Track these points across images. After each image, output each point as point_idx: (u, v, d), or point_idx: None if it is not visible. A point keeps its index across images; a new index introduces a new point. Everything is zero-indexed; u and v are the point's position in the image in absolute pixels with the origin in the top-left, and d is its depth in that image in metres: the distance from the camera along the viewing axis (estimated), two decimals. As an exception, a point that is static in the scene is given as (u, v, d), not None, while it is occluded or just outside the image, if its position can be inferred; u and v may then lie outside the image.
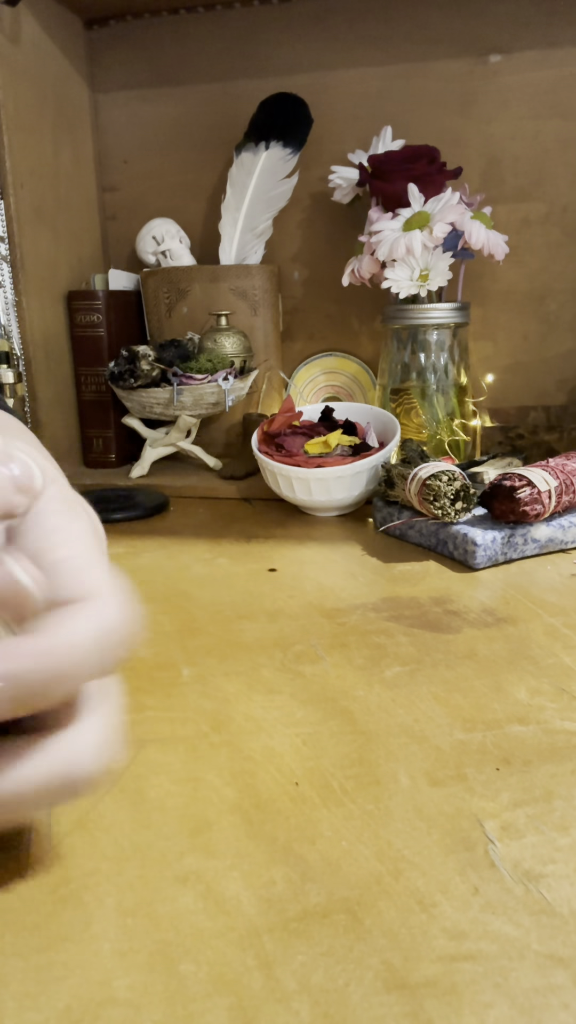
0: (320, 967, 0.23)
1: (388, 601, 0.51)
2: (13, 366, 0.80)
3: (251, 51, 0.90)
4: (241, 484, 0.81)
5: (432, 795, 0.31)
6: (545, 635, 0.45)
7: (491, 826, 0.29)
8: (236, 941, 0.24)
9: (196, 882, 0.26)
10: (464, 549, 0.56)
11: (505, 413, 0.84)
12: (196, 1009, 0.22)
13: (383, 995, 0.22)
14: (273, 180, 0.88)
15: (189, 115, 0.93)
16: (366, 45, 0.87)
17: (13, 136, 0.77)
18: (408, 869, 0.27)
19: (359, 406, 0.79)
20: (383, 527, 0.65)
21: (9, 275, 0.79)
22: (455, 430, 0.80)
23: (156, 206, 0.96)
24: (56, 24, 0.86)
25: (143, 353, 0.82)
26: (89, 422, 0.91)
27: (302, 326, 0.96)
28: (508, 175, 0.87)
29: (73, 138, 0.90)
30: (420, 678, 0.40)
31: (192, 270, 0.91)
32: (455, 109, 0.87)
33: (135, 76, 0.93)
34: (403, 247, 0.75)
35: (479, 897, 0.25)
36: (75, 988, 0.22)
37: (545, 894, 0.26)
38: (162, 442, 0.87)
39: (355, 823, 0.29)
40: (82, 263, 0.93)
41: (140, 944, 0.24)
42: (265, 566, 0.58)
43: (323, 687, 0.40)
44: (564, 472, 0.58)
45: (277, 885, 0.26)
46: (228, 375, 0.83)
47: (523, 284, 0.90)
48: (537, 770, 0.32)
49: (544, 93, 0.85)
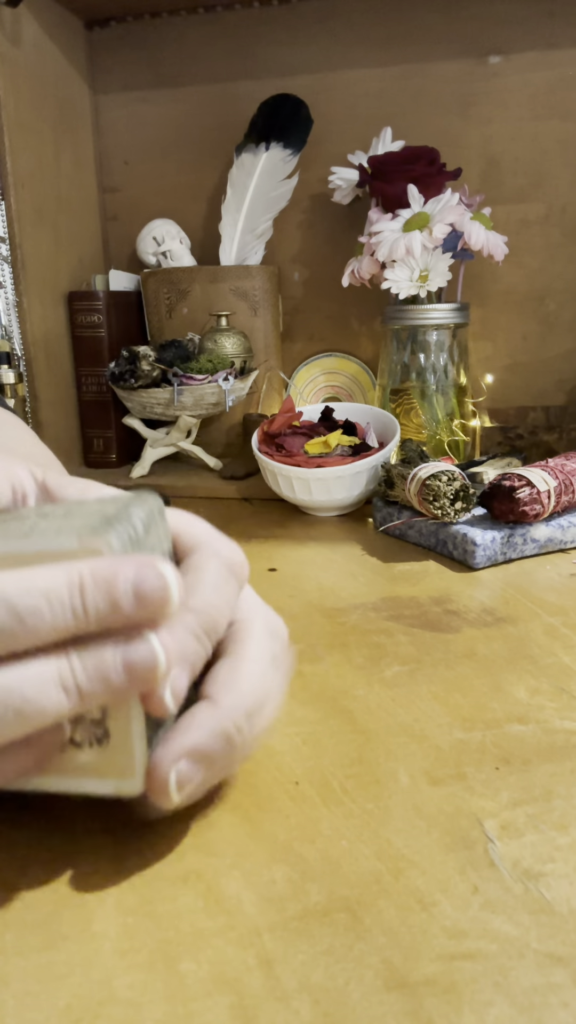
0: (320, 966, 0.23)
1: (388, 601, 0.51)
2: (14, 366, 0.80)
3: (251, 52, 0.90)
4: (241, 484, 0.81)
5: (432, 794, 0.31)
6: (544, 635, 0.45)
7: (491, 825, 0.29)
8: (236, 940, 0.24)
9: (196, 881, 0.26)
10: (464, 549, 0.56)
11: (504, 413, 0.84)
12: (196, 1008, 0.22)
13: (383, 994, 0.22)
14: (273, 181, 0.88)
15: (189, 116, 0.93)
16: (366, 45, 0.87)
17: (14, 136, 0.77)
18: (408, 868, 0.27)
19: (359, 406, 0.80)
20: (383, 527, 0.66)
21: (10, 275, 0.79)
22: (455, 430, 0.80)
23: (156, 207, 0.96)
24: (57, 25, 0.86)
25: (144, 353, 0.82)
26: (89, 422, 0.91)
27: (302, 326, 0.97)
28: (508, 176, 0.87)
29: (74, 139, 0.90)
30: (420, 677, 0.40)
31: (192, 271, 0.91)
32: (455, 110, 0.87)
33: (135, 77, 0.93)
34: (403, 248, 0.75)
35: (479, 896, 0.25)
36: (76, 987, 0.22)
37: (544, 893, 0.26)
38: (162, 442, 0.87)
39: (355, 822, 0.29)
40: (83, 263, 0.93)
41: (141, 943, 0.24)
42: (265, 566, 0.58)
43: (323, 686, 0.40)
44: (563, 472, 0.58)
45: (277, 884, 0.26)
46: (228, 375, 0.83)
47: (523, 284, 0.90)
48: (536, 769, 0.32)
49: (544, 94, 0.85)
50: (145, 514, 0.27)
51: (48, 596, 0.23)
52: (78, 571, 0.24)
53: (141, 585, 0.24)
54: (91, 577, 0.24)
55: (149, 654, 0.24)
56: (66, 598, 0.23)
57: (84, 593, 0.23)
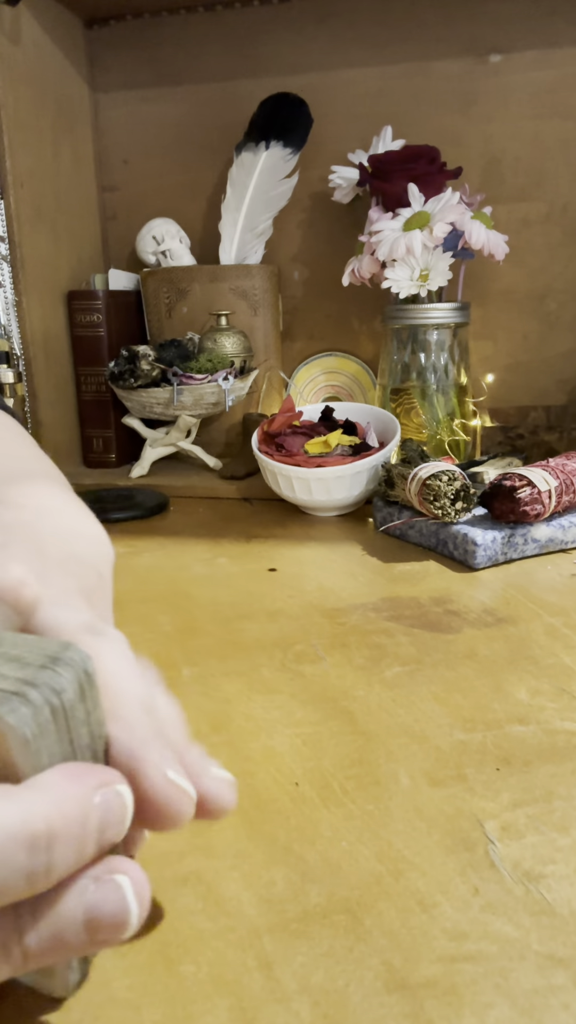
0: (320, 968, 0.23)
1: (388, 601, 0.51)
2: (13, 366, 0.80)
3: (251, 51, 0.90)
4: (241, 484, 0.81)
5: (432, 795, 0.31)
6: (545, 635, 0.45)
7: (491, 826, 0.29)
8: (236, 942, 0.24)
9: (196, 882, 0.26)
10: (464, 549, 0.56)
11: (505, 413, 0.84)
12: (196, 1010, 0.22)
13: (383, 996, 0.22)
14: (273, 180, 0.88)
15: (189, 115, 0.93)
16: (366, 45, 0.87)
17: (13, 136, 0.77)
18: (408, 869, 0.27)
19: (359, 406, 0.79)
20: (383, 527, 0.65)
21: (9, 275, 0.79)
22: (455, 430, 0.80)
23: (156, 206, 0.96)
24: (56, 24, 0.86)
25: (143, 353, 0.82)
26: (89, 422, 0.91)
27: (302, 326, 0.96)
28: (508, 175, 0.87)
29: (73, 138, 0.90)
30: (420, 678, 0.40)
31: (192, 270, 0.91)
32: (455, 109, 0.87)
33: (135, 76, 0.93)
34: (403, 247, 0.75)
35: (479, 897, 0.25)
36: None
37: (545, 894, 0.26)
38: (162, 442, 0.87)
39: (355, 823, 0.29)
40: (82, 263, 0.93)
41: (140, 944, 0.24)
42: (265, 566, 0.58)
43: (323, 687, 0.40)
44: (564, 472, 0.58)
45: (277, 885, 0.26)
46: (228, 375, 0.83)
47: (523, 284, 0.90)
48: (537, 770, 0.32)
49: (544, 93, 0.85)
50: (74, 678, 0.20)
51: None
52: (44, 817, 0.17)
53: (108, 816, 0.19)
54: (63, 824, 0.18)
55: (119, 907, 0.19)
56: (22, 860, 0.17)
57: (52, 849, 0.17)
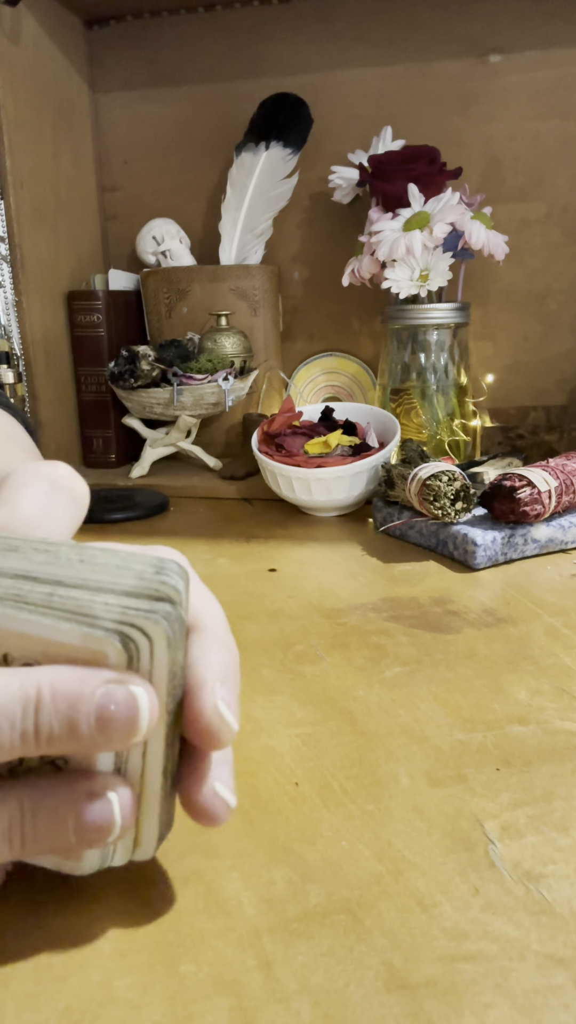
0: (320, 967, 0.23)
1: (388, 601, 0.51)
2: (13, 366, 0.80)
3: (251, 51, 0.90)
4: (241, 484, 0.81)
5: (432, 795, 0.31)
6: (545, 635, 0.45)
7: (491, 826, 0.29)
8: (236, 941, 0.24)
9: (196, 882, 0.26)
10: (464, 549, 0.56)
11: (505, 413, 0.84)
12: (196, 1009, 0.22)
13: (383, 995, 0.22)
14: (273, 180, 0.88)
15: (189, 115, 0.93)
16: (366, 45, 0.87)
17: (13, 136, 0.77)
18: (408, 869, 0.27)
19: (359, 406, 0.79)
20: (383, 527, 0.65)
21: (9, 275, 0.79)
22: (455, 430, 0.80)
23: (156, 206, 0.96)
24: (56, 24, 0.86)
25: (143, 353, 0.82)
26: (89, 422, 0.91)
27: (302, 326, 0.96)
28: (508, 175, 0.87)
29: (73, 138, 0.90)
30: (420, 678, 0.40)
31: (192, 270, 0.91)
32: (455, 109, 0.87)
33: (135, 76, 0.93)
34: (403, 247, 0.75)
35: (479, 897, 0.25)
36: (75, 988, 0.22)
37: (545, 894, 0.26)
38: (162, 442, 0.87)
39: (355, 823, 0.29)
40: (82, 263, 0.93)
41: (140, 944, 0.24)
42: (265, 566, 0.58)
43: (323, 687, 0.40)
44: (564, 472, 0.58)
45: (277, 885, 0.26)
46: (228, 375, 0.83)
47: (523, 284, 0.90)
48: (537, 770, 0.32)
49: (544, 93, 0.85)
50: (184, 587, 0.23)
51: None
52: (36, 683, 0.21)
53: (105, 711, 0.21)
54: (50, 693, 0.21)
55: (105, 818, 0.22)
56: (18, 716, 0.21)
57: (39, 712, 0.21)
